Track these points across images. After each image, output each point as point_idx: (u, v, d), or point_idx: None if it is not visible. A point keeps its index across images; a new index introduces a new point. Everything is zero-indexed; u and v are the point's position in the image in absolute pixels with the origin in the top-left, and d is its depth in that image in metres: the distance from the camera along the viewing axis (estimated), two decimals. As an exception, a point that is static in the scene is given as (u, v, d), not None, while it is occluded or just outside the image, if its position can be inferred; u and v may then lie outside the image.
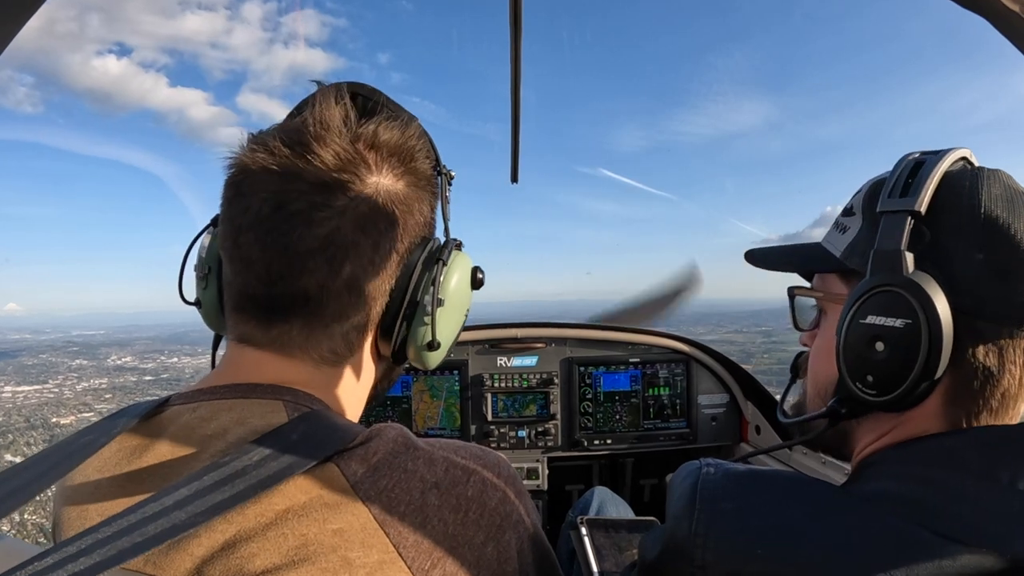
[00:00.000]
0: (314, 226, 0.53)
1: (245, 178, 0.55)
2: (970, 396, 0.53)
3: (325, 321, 0.57)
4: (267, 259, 0.54)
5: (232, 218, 0.56)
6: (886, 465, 0.54)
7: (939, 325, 0.50)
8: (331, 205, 0.54)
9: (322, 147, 0.54)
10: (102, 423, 0.55)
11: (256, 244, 0.54)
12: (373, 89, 0.63)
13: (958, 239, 0.53)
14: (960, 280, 0.52)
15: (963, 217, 0.53)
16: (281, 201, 0.53)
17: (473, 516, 0.53)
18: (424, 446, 0.55)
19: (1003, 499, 0.46)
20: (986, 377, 0.52)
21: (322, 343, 0.58)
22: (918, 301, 0.51)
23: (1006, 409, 0.53)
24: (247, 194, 0.55)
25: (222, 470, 0.47)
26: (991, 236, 0.51)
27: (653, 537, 0.59)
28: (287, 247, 0.54)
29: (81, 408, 40.72)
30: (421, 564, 0.48)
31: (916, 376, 0.51)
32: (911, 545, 0.45)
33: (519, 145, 1.90)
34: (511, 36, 1.36)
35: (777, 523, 0.50)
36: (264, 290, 0.56)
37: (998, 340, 0.52)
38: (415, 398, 2.13)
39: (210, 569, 0.46)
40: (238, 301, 0.58)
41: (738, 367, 2.16)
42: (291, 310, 0.56)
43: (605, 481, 2.52)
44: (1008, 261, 0.51)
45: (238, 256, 0.56)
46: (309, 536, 0.46)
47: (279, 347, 0.57)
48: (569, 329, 2.20)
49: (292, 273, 0.54)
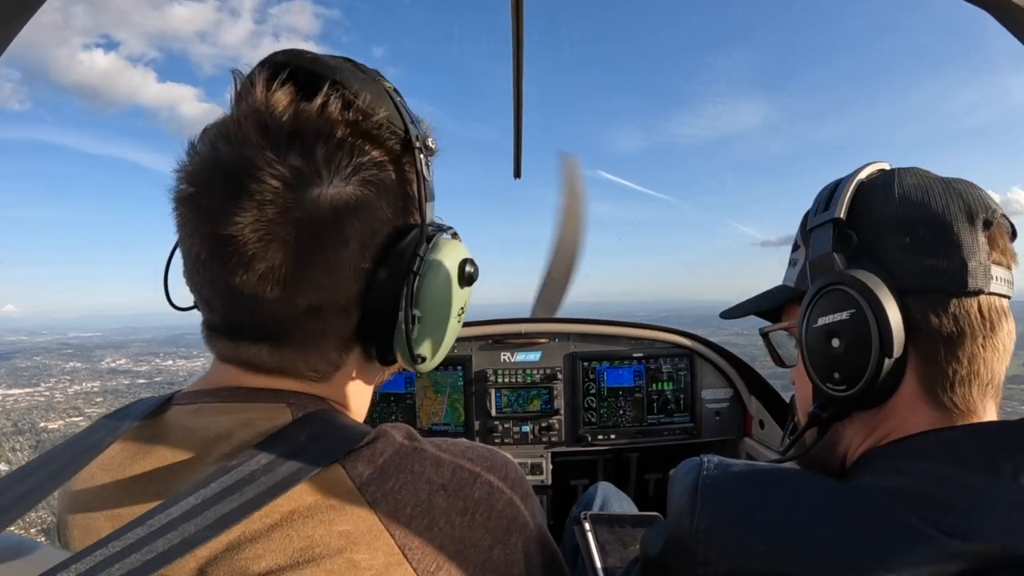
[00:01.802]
0: (253, 263, 0.49)
1: (182, 218, 0.52)
2: (939, 368, 0.54)
3: (294, 345, 0.54)
4: (218, 300, 0.53)
5: (186, 256, 0.54)
6: (886, 460, 0.54)
7: (880, 305, 0.53)
8: (270, 238, 0.48)
9: (253, 174, 0.48)
10: (108, 421, 0.55)
11: (207, 287, 0.53)
12: (310, 56, 0.53)
13: (881, 230, 0.57)
14: (894, 264, 0.55)
15: (881, 210, 0.57)
16: (217, 243, 0.49)
17: (480, 519, 0.52)
18: (431, 447, 0.54)
19: (1007, 493, 0.46)
20: (948, 344, 0.54)
21: (297, 364, 0.55)
22: (855, 289, 0.54)
23: (977, 374, 0.54)
24: (188, 235, 0.52)
25: (229, 476, 0.46)
26: (911, 219, 0.55)
27: (655, 533, 0.59)
28: (233, 290, 0.50)
29: (71, 412, 40.79)
30: (427, 567, 0.48)
31: (875, 359, 0.54)
32: (915, 539, 0.45)
33: (522, 140, 1.90)
34: (513, 30, 1.35)
35: (779, 518, 0.50)
36: (224, 323, 0.54)
37: (948, 308, 0.53)
38: (419, 394, 2.13)
39: (214, 570, 0.45)
40: (209, 327, 0.57)
41: (742, 361, 2.15)
42: (257, 338, 0.54)
43: (609, 476, 2.53)
44: (933, 235, 0.54)
45: (195, 289, 0.55)
46: (315, 538, 0.45)
47: (257, 368, 0.55)
48: (572, 324, 2.20)
49: (245, 311, 0.52)
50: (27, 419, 40.35)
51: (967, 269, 0.52)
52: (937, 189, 0.55)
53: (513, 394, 2.15)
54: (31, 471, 0.50)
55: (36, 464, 0.51)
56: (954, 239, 0.53)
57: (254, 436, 0.50)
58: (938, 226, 0.54)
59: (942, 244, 0.53)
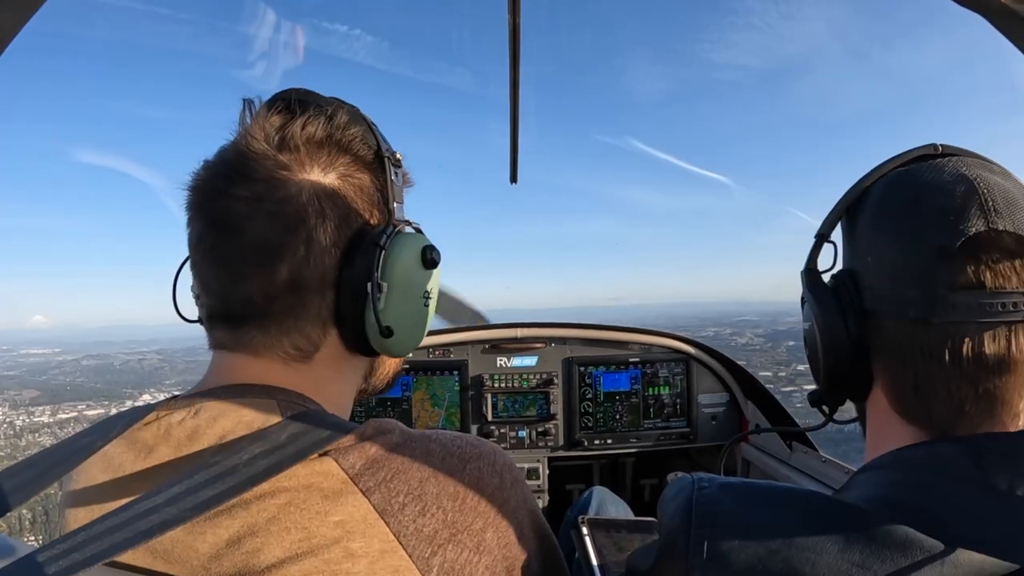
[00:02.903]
0: (243, 235, 0.56)
1: (191, 206, 0.60)
2: (899, 384, 0.55)
3: (278, 321, 0.59)
4: (215, 276, 0.59)
5: (191, 245, 0.61)
6: (882, 472, 0.54)
7: (829, 319, 0.58)
8: (258, 212, 0.56)
9: (248, 163, 0.57)
10: (101, 425, 0.56)
11: (206, 265, 0.59)
12: (304, 91, 0.64)
13: (853, 248, 0.61)
14: (862, 281, 0.58)
15: (854, 230, 0.61)
16: (215, 219, 0.58)
17: (471, 503, 0.54)
18: (420, 438, 0.56)
19: (1003, 506, 0.46)
20: (901, 363, 0.55)
21: (282, 341, 0.60)
22: (811, 301, 0.61)
23: (935, 391, 0.52)
24: (193, 220, 0.60)
25: (215, 468, 0.48)
26: (878, 241, 0.57)
27: (646, 549, 0.59)
28: (227, 260, 0.57)
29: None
30: (422, 552, 0.49)
31: (827, 369, 0.60)
32: (910, 549, 0.45)
33: (518, 145, 1.90)
34: (510, 36, 1.36)
35: (773, 535, 0.50)
36: (220, 306, 0.60)
37: (904, 328, 0.54)
38: (416, 405, 2.13)
39: (217, 565, 0.47)
40: (209, 315, 0.62)
41: (738, 366, 2.16)
42: (245, 317, 0.59)
43: (605, 481, 2.52)
44: (892, 260, 0.55)
45: (199, 278, 0.61)
46: (311, 529, 0.47)
47: (248, 349, 0.60)
48: (569, 329, 2.20)
49: (235, 283, 0.58)
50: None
51: (913, 300, 0.52)
52: (897, 210, 0.55)
53: (510, 399, 2.14)
54: (16, 472, 0.51)
55: (22, 465, 0.52)
56: (914, 265, 0.52)
57: (245, 433, 0.52)
58: (904, 248, 0.53)
59: (901, 270, 0.53)
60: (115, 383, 54.55)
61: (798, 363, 29.22)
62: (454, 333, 2.14)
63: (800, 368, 24.15)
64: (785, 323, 39.45)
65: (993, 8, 0.51)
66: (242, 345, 0.60)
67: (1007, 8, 0.50)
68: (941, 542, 0.45)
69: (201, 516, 0.45)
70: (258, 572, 0.46)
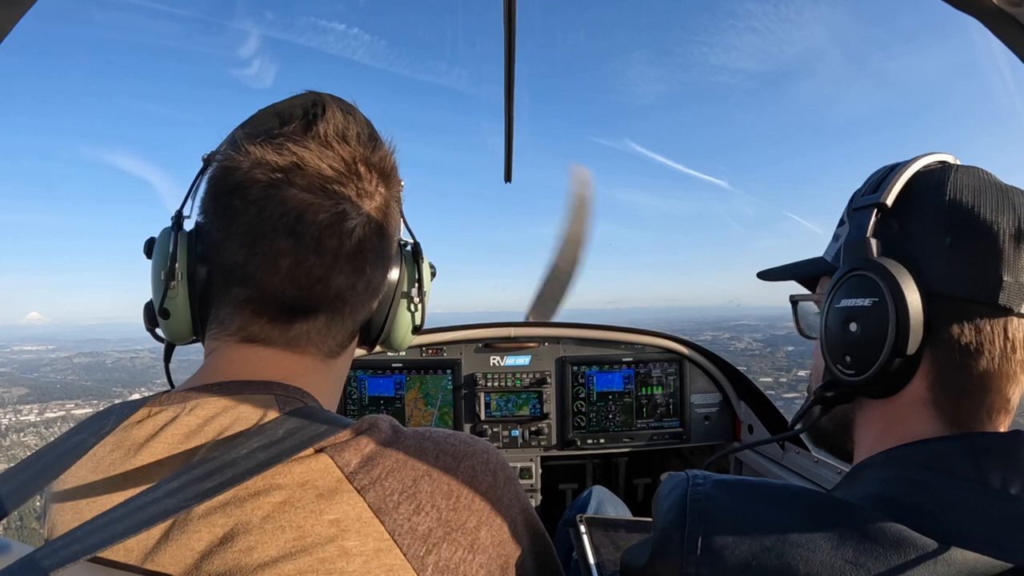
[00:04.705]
0: (346, 234, 0.59)
1: (254, 184, 0.56)
2: (950, 378, 0.54)
3: (344, 317, 0.63)
4: (301, 263, 0.57)
5: (249, 222, 0.56)
6: (878, 469, 0.54)
7: (904, 300, 0.52)
8: (357, 213, 0.60)
9: (340, 156, 0.59)
10: (92, 422, 0.55)
11: (287, 250, 0.56)
12: (351, 105, 0.66)
13: (925, 226, 0.55)
14: (930, 263, 0.54)
15: (930, 205, 0.55)
16: (310, 208, 0.57)
17: (465, 501, 0.54)
18: (414, 436, 0.57)
19: (997, 504, 0.47)
20: (964, 356, 0.53)
21: (336, 336, 0.63)
22: (882, 280, 0.54)
23: (986, 391, 0.53)
24: (260, 200, 0.56)
25: (213, 462, 0.48)
26: (958, 221, 0.53)
27: (641, 547, 0.59)
28: (323, 252, 0.58)
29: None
30: (416, 551, 0.50)
31: (887, 353, 0.54)
32: (905, 547, 0.45)
33: (513, 145, 1.90)
34: (505, 35, 1.36)
35: (768, 532, 0.50)
36: (295, 292, 0.58)
37: (973, 319, 0.52)
38: (409, 405, 2.12)
39: (209, 564, 0.47)
40: (257, 304, 0.59)
41: (731, 366, 2.17)
42: (319, 308, 0.60)
43: (599, 480, 2.53)
44: (976, 243, 0.52)
45: (259, 262, 0.57)
46: (306, 527, 0.47)
47: (294, 344, 0.61)
48: (562, 328, 2.20)
49: (329, 275, 0.59)
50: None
51: (1002, 285, 0.51)
52: (992, 195, 0.53)
53: (503, 398, 2.14)
54: (12, 474, 0.50)
55: (18, 468, 0.51)
56: (995, 251, 0.51)
57: (243, 429, 0.52)
58: (982, 234, 0.52)
59: (982, 254, 0.52)
60: (105, 381, 54.05)
61: (799, 368, 29.28)
62: (447, 332, 2.13)
63: (801, 374, 24.18)
64: (783, 328, 39.70)
65: (987, 11, 0.51)
66: (290, 340, 0.60)
67: (1000, 11, 0.50)
68: (936, 540, 0.45)
69: (201, 505, 0.46)
70: (251, 570, 0.46)
